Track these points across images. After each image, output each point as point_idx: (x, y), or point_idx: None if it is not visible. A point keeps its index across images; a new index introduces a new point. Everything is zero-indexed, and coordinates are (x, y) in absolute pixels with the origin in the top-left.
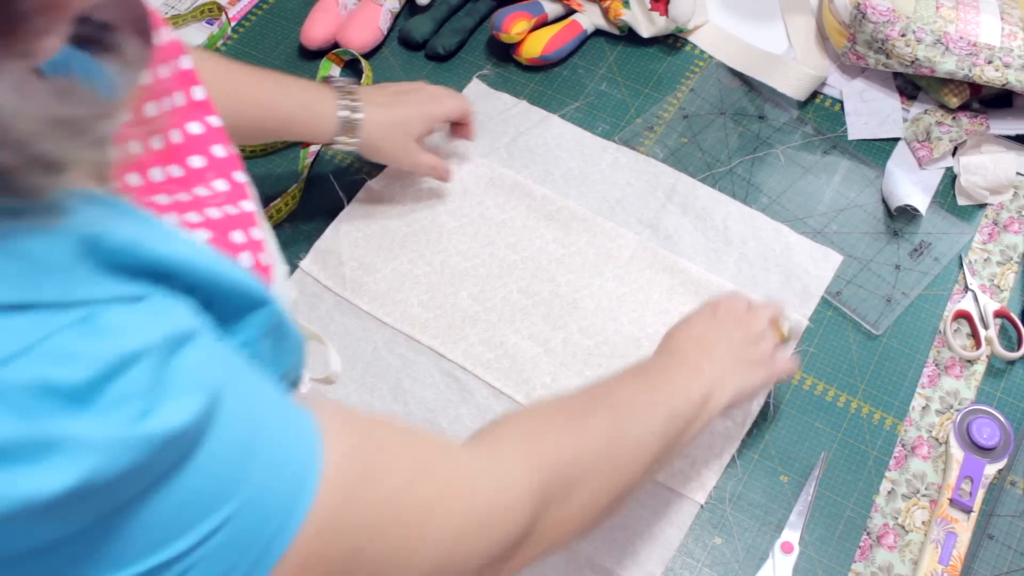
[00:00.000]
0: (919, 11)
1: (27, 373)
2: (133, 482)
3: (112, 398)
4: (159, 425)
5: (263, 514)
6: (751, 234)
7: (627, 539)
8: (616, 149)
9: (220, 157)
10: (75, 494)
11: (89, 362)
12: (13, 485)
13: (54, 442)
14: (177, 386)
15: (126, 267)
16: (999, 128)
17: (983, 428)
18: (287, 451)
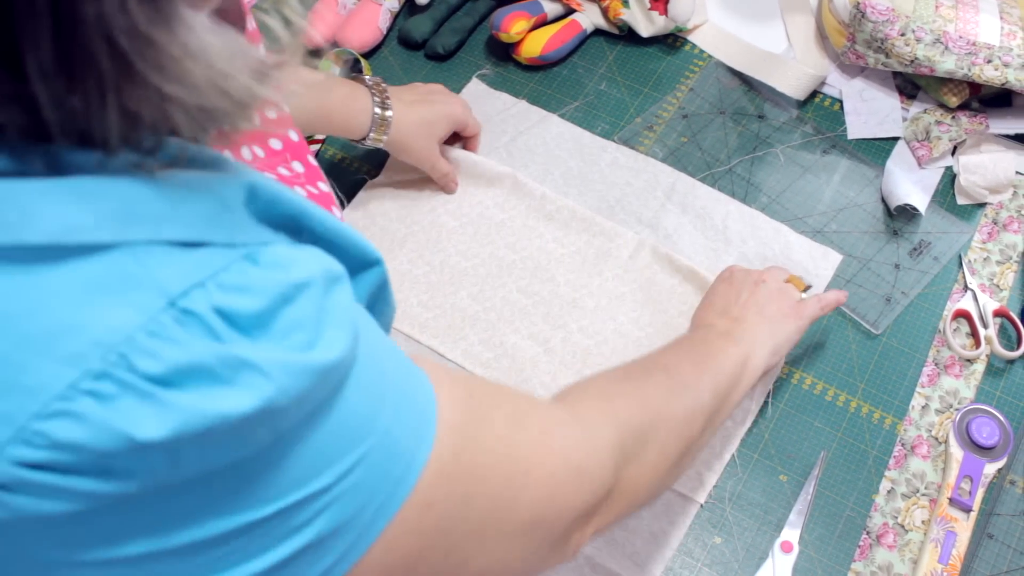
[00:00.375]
0: (918, 10)
1: (208, 302)
2: (296, 410)
3: (282, 327)
4: (322, 355)
5: (391, 455)
6: (750, 233)
7: (627, 538)
8: (616, 149)
9: (294, 141)
10: (256, 416)
11: (261, 293)
12: (208, 403)
13: (240, 365)
14: (333, 321)
15: (272, 217)
16: (998, 127)
17: (983, 427)
18: (409, 396)
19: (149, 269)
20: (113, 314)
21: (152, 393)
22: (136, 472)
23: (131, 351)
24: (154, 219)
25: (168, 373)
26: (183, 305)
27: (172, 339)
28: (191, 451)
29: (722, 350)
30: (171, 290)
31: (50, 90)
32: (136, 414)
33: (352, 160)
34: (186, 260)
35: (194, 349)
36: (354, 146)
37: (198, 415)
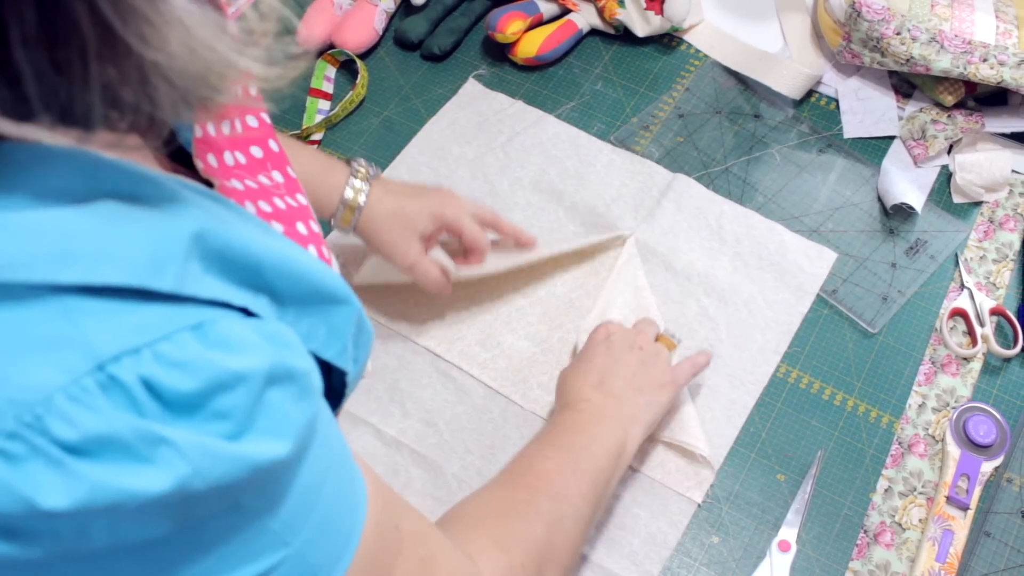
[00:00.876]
0: (914, 9)
1: (138, 371)
2: (215, 501)
3: (210, 412)
4: (250, 450)
5: (308, 570)
6: (745, 233)
7: (624, 538)
8: (611, 150)
9: (274, 151)
10: (168, 497)
11: (197, 374)
12: (119, 478)
13: (158, 442)
14: (269, 421)
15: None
16: (994, 126)
17: (979, 425)
18: (339, 515)
19: (81, 327)
20: (35, 372)
21: (62, 461)
22: (40, 537)
23: (47, 413)
24: (90, 260)
25: (82, 442)
26: (111, 371)
27: (92, 406)
28: (99, 524)
29: (600, 442)
30: (101, 353)
31: (32, 60)
32: (42, 480)
33: None
34: (126, 321)
35: (113, 420)
36: (351, 148)
37: (106, 489)
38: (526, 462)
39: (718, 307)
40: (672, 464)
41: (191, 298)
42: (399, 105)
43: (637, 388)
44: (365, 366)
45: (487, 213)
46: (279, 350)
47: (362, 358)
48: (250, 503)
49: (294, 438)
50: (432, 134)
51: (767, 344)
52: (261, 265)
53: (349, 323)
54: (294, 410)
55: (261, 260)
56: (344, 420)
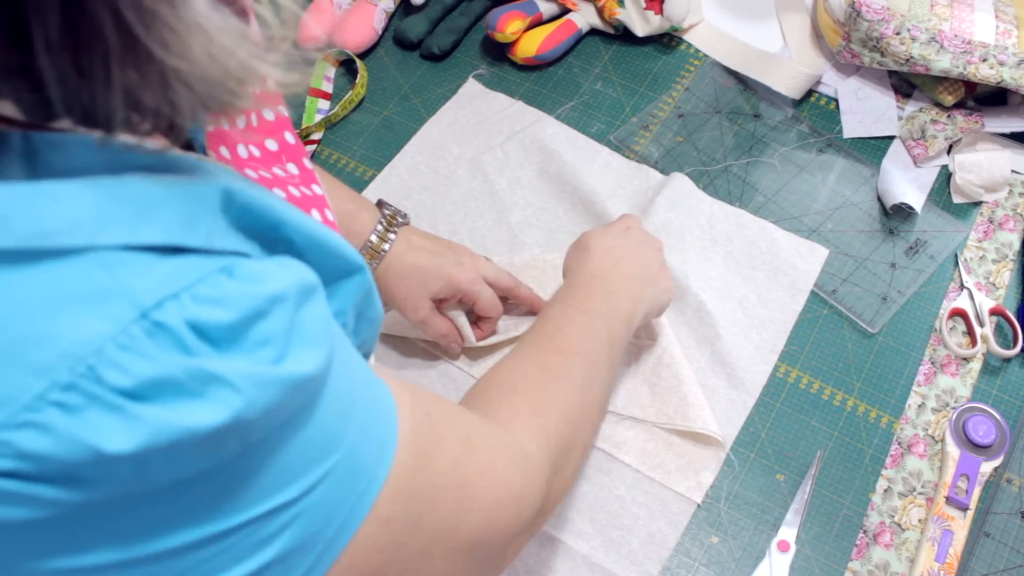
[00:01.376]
0: (914, 9)
1: (181, 314)
2: (265, 422)
3: (253, 340)
4: (292, 369)
5: (356, 471)
6: (736, 232)
7: (624, 538)
8: (608, 153)
9: (290, 143)
10: (225, 429)
11: (234, 306)
12: (177, 416)
13: (209, 379)
14: (305, 335)
15: (247, 224)
16: (994, 126)
17: (979, 426)
18: (374, 414)
19: (122, 279)
20: (83, 325)
21: (120, 406)
22: (102, 481)
23: (100, 363)
24: (128, 222)
25: (137, 386)
26: (155, 317)
27: (142, 352)
28: (159, 463)
29: (617, 311)
30: (144, 301)
31: (55, 64)
32: (103, 426)
33: (349, 161)
34: (161, 269)
35: (164, 362)
36: (351, 147)
37: (166, 429)
38: (553, 324)
39: (713, 306)
40: (672, 464)
41: (220, 251)
42: (399, 104)
43: (649, 278)
44: (372, 344)
45: (505, 279)
46: (298, 271)
47: (366, 334)
48: (298, 417)
49: (327, 346)
50: (432, 134)
51: (763, 343)
52: (283, 223)
53: (355, 290)
54: (322, 319)
55: (283, 219)
56: None
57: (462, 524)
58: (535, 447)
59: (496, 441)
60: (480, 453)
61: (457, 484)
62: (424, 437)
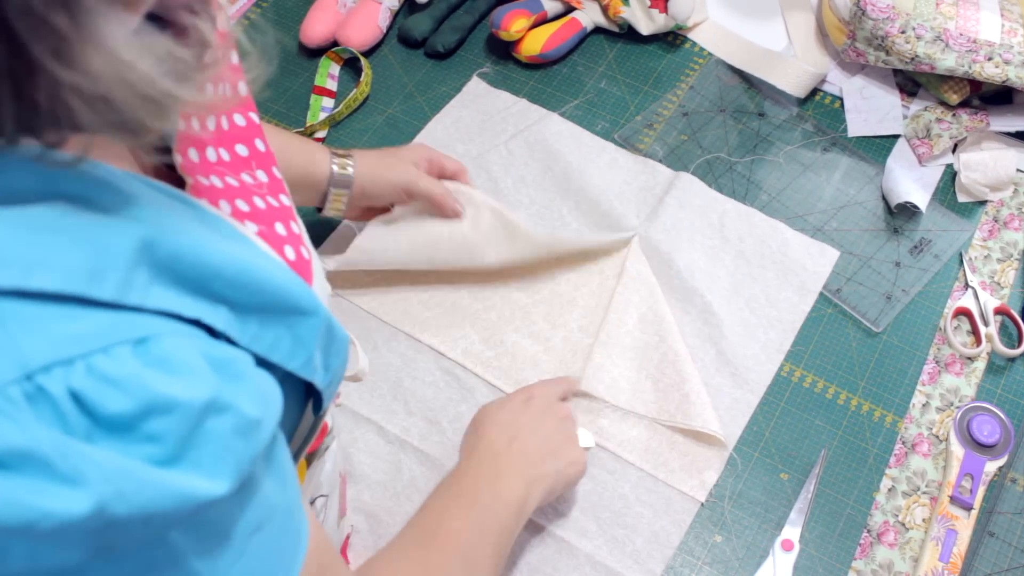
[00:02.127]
0: (919, 8)
1: (72, 384)
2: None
3: (142, 435)
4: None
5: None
6: (747, 231)
7: (627, 537)
8: (614, 149)
9: (260, 151)
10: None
11: (132, 395)
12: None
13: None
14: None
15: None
16: (999, 125)
17: (983, 425)
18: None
19: (11, 334)
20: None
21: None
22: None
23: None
24: (25, 265)
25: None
26: (39, 381)
27: (14, 417)
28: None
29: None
30: (30, 362)
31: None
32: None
33: None
34: (63, 328)
35: (34, 434)
36: (355, 146)
37: (21, 506)
38: (435, 519)
39: (721, 305)
40: (676, 463)
41: (137, 308)
42: (403, 103)
43: (549, 452)
44: (341, 372)
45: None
46: (224, 380)
47: (334, 365)
48: (177, 540)
49: (233, 476)
50: (436, 132)
51: (770, 343)
52: (220, 274)
53: (316, 334)
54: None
55: (219, 269)
56: (347, 418)
57: None
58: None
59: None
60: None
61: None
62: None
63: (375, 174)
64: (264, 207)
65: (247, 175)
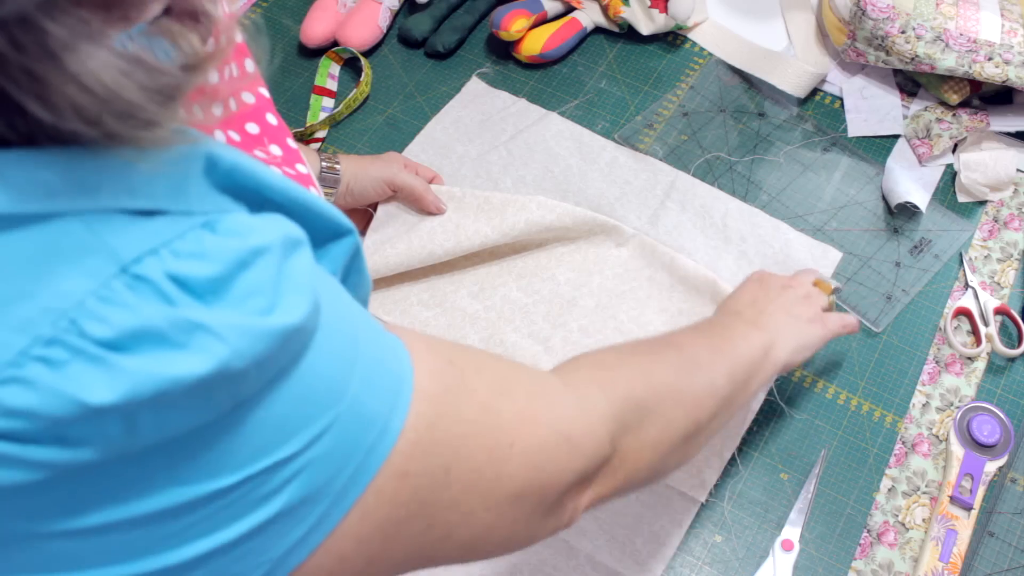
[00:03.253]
0: (919, 8)
1: (161, 268)
2: (256, 375)
3: (239, 292)
4: (280, 319)
5: (363, 423)
6: (750, 231)
7: (627, 537)
8: (615, 148)
9: (272, 125)
10: (212, 380)
11: (216, 259)
12: (160, 366)
13: (193, 328)
14: (292, 286)
15: (233, 186)
16: (999, 125)
17: (983, 425)
18: (382, 364)
19: (102, 236)
20: (65, 280)
21: (102, 357)
22: (92, 439)
23: (81, 316)
24: (110, 190)
25: (118, 337)
26: (135, 271)
27: (123, 304)
28: (147, 416)
29: (744, 336)
30: (123, 256)
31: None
32: (87, 379)
33: None
34: (141, 228)
35: (145, 313)
36: (355, 146)
37: (149, 378)
38: (665, 334)
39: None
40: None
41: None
42: (403, 103)
43: (787, 315)
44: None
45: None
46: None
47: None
48: (290, 369)
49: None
50: (436, 132)
51: None
52: (270, 187)
53: (346, 252)
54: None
55: (269, 183)
56: None
57: (500, 474)
58: (594, 392)
59: (538, 385)
60: (516, 396)
61: (489, 431)
62: (446, 385)
63: (358, 171)
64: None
65: (260, 151)
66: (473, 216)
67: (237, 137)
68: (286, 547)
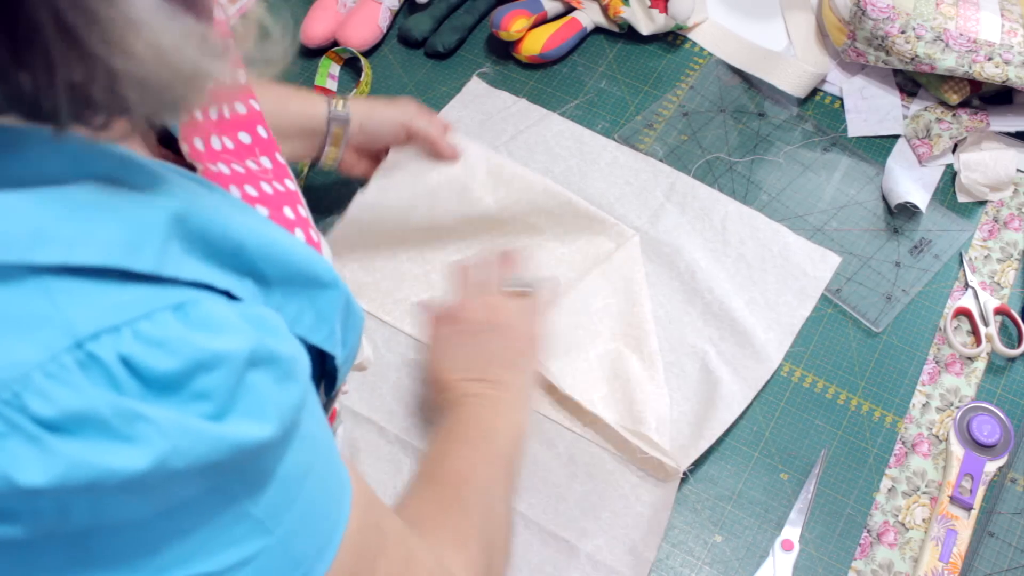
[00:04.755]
0: (919, 8)
1: (117, 350)
2: (197, 482)
3: (191, 392)
4: (231, 432)
5: (288, 563)
6: (749, 234)
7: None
8: (615, 148)
9: (263, 137)
10: (148, 475)
11: (177, 354)
12: (97, 455)
13: (136, 420)
14: (252, 402)
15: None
16: (999, 125)
17: (983, 425)
18: (323, 506)
19: (60, 306)
20: (13, 349)
21: (39, 437)
22: (21, 516)
23: (25, 390)
24: (67, 241)
25: (59, 418)
26: (89, 348)
27: (69, 383)
28: (80, 502)
29: (503, 431)
30: (80, 331)
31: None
32: (20, 457)
33: None
34: (106, 299)
35: (90, 396)
36: None
37: (84, 467)
38: (438, 461)
39: (721, 307)
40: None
41: (172, 280)
42: None
43: (511, 365)
44: (356, 350)
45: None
46: (262, 333)
47: (351, 341)
48: (232, 487)
49: (277, 421)
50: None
51: (768, 342)
52: (244, 247)
53: (336, 307)
54: (277, 393)
55: (244, 242)
56: (347, 417)
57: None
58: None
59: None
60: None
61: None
62: (369, 545)
63: (372, 110)
64: (271, 192)
65: (252, 162)
66: (481, 181)
67: (231, 145)
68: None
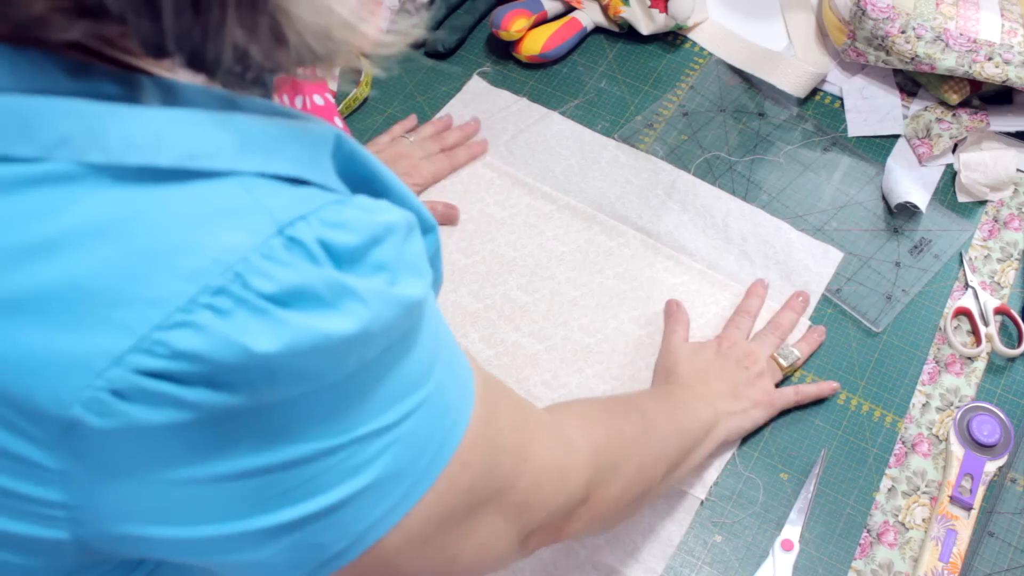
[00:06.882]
0: (919, 8)
1: (312, 233)
2: (380, 341)
3: (372, 263)
4: (404, 292)
5: (443, 408)
6: (751, 231)
7: (628, 536)
8: (616, 147)
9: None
10: (354, 340)
11: (356, 231)
12: (316, 323)
13: (344, 292)
14: (411, 265)
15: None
16: (999, 125)
17: (983, 425)
18: (457, 359)
19: (259, 198)
20: (229, 236)
21: (266, 310)
22: (242, 386)
23: (246, 270)
24: (264, 153)
25: (280, 293)
26: (290, 233)
27: (283, 262)
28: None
29: (694, 412)
30: (280, 218)
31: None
32: (251, 328)
33: None
34: (290, 194)
35: (304, 273)
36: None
37: (307, 333)
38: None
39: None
40: None
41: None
42: (403, 103)
43: (735, 395)
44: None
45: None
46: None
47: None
48: (400, 343)
49: (427, 277)
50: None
51: None
52: (379, 177)
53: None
54: (423, 254)
55: (379, 173)
56: None
57: (516, 483)
58: (581, 441)
59: (541, 421)
60: (529, 424)
61: (513, 445)
62: (490, 397)
63: None
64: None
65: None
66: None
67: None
68: (371, 521)
